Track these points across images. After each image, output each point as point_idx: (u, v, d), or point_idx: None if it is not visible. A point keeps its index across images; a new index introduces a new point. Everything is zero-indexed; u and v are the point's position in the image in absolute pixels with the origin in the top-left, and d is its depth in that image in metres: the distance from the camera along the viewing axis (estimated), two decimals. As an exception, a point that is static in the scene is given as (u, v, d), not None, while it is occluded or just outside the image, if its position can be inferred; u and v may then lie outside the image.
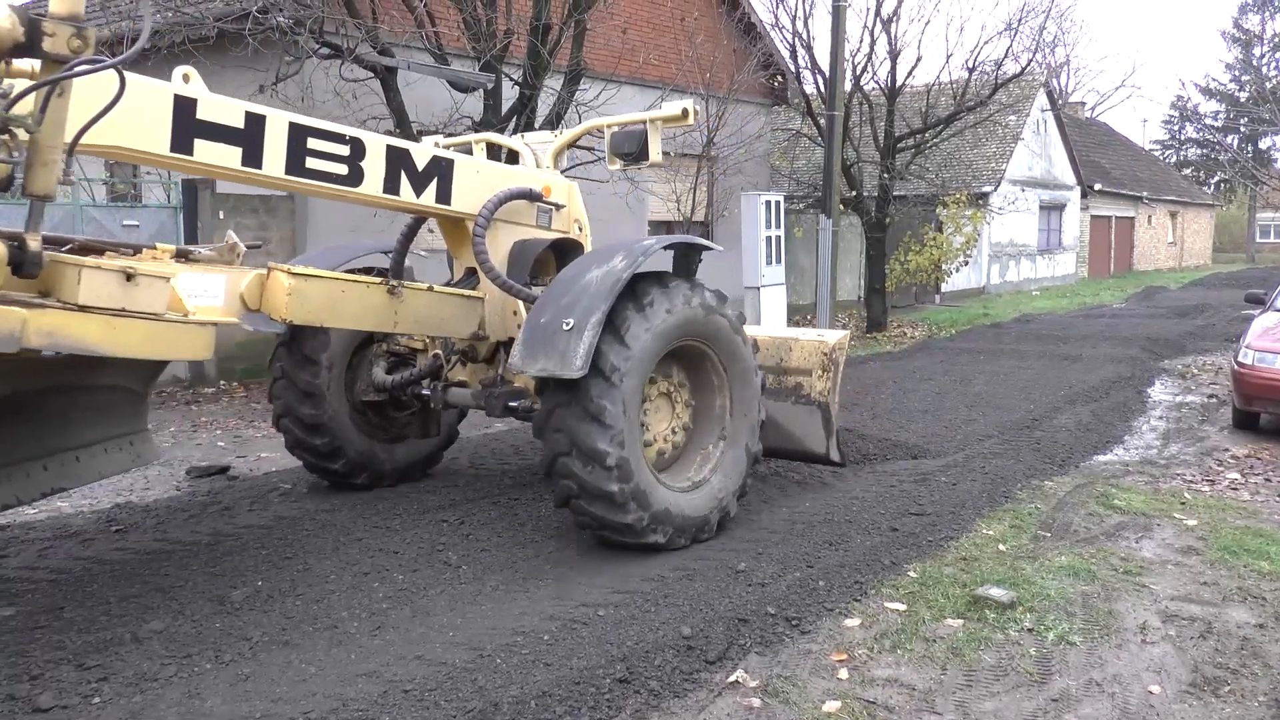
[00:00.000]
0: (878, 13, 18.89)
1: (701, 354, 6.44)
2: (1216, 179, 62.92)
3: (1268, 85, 37.70)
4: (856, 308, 23.42)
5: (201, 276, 5.37)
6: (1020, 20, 20.73)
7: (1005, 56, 20.51)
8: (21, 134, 3.97)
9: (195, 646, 4.70)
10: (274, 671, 4.45)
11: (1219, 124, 62.44)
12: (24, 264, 4.28)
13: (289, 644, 4.76)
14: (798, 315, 20.72)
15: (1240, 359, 9.96)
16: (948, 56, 45.63)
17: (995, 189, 28.74)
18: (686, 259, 6.90)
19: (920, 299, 25.79)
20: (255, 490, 7.56)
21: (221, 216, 12.48)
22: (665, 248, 6.42)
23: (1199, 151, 65.68)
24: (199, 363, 12.62)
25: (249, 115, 5.24)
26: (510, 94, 12.98)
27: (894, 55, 19.37)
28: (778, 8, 19.28)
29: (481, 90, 12.27)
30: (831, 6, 16.54)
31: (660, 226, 18.71)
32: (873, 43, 19.15)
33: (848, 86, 18.33)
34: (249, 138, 5.25)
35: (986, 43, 32.69)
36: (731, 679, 4.44)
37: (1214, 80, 62.19)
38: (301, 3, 11.16)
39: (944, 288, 26.41)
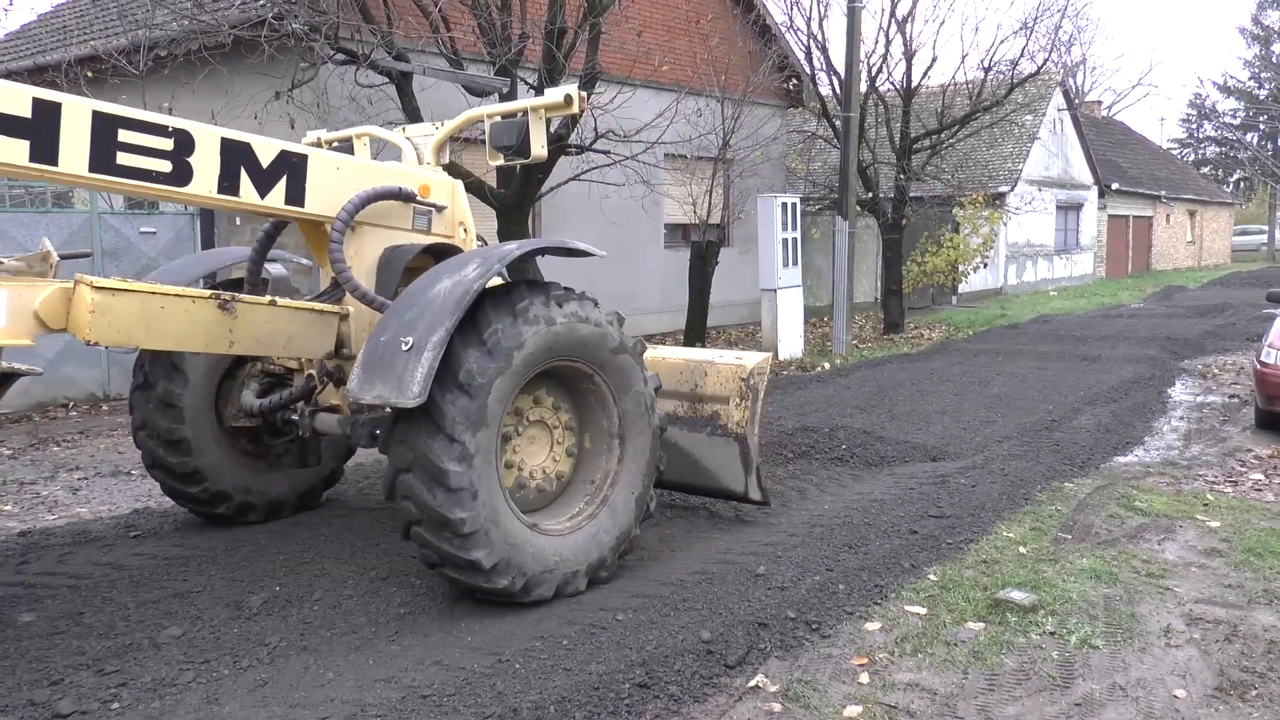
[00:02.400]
0: (893, 14, 18.84)
1: (587, 378, 5.62)
2: (1235, 177, 62.54)
3: (1287, 82, 37.45)
4: (873, 309, 23.35)
5: None
6: (1036, 19, 20.61)
7: (1021, 56, 20.39)
8: None
9: (213, 652, 4.71)
10: (292, 677, 4.45)
11: (1238, 122, 62.08)
12: None
13: (307, 649, 4.76)
14: (814, 317, 20.68)
15: (1263, 358, 9.87)
16: (963, 56, 45.39)
17: (1012, 189, 28.62)
18: (704, 265, 6.50)
19: (937, 300, 25.70)
20: (273, 495, 7.56)
21: (239, 222, 12.52)
22: (530, 253, 5.83)
23: (1217, 150, 65.32)
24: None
25: (38, 102, 4.51)
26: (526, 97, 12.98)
27: (909, 56, 19.31)
28: (792, 10, 19.26)
29: (497, 94, 12.27)
30: (847, 8, 16.52)
31: (676, 229, 18.71)
32: (888, 44, 19.11)
33: (863, 88, 18.28)
34: (38, 129, 4.52)
35: (1002, 42, 32.45)
36: (751, 684, 4.42)
37: (1232, 78, 61.88)
38: (317, 9, 11.19)
39: (961, 289, 26.32)
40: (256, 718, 4.07)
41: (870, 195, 19.71)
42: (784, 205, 15.28)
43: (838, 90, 18.44)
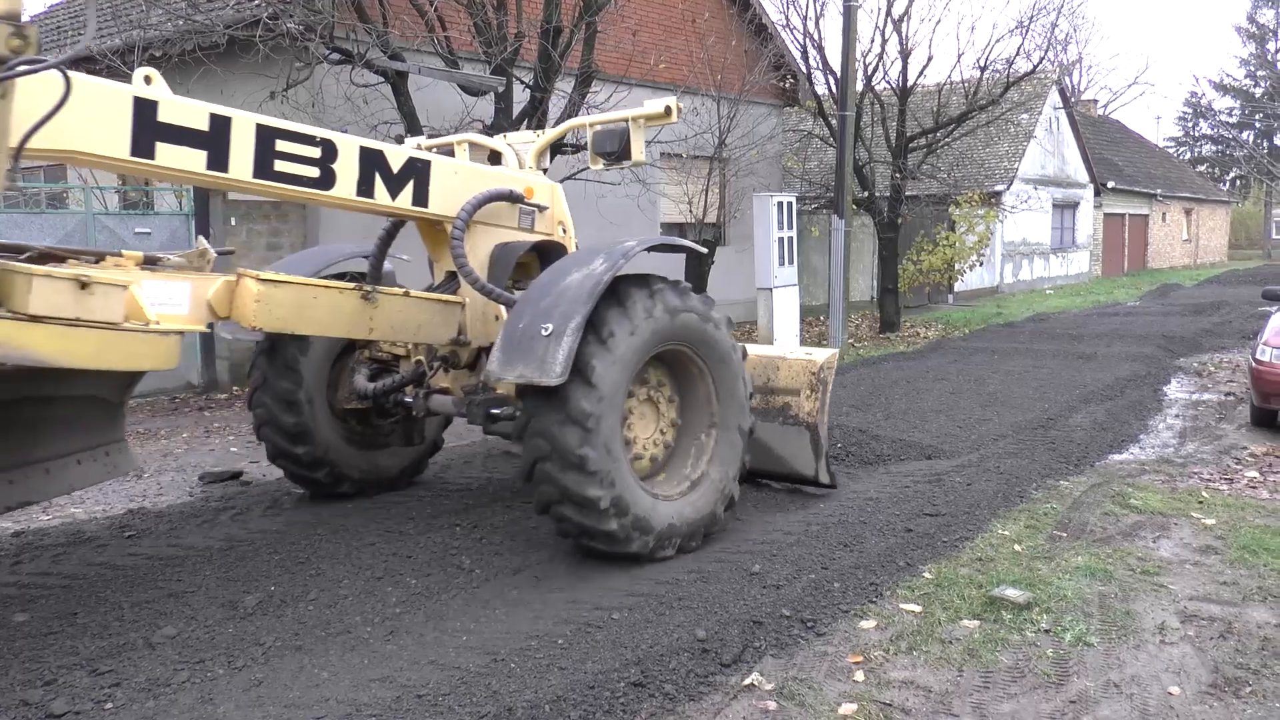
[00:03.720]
0: (889, 13, 18.84)
1: (687, 358, 6.20)
2: (1232, 175, 62.64)
3: (1282, 81, 37.54)
4: (870, 308, 23.36)
5: (165, 284, 5.23)
6: (1032, 18, 20.65)
7: (1017, 55, 20.41)
8: None
9: (208, 652, 4.70)
10: (287, 677, 4.44)
11: (1233, 120, 62.18)
12: None
13: (302, 649, 4.75)
14: (810, 316, 20.68)
15: (1258, 356, 9.89)
16: (959, 55, 45.46)
17: (1008, 188, 28.64)
18: (700, 263, 6.87)
19: (933, 299, 25.72)
20: (268, 495, 7.56)
21: (234, 223, 12.50)
22: (648, 249, 6.27)
23: (1213, 148, 65.43)
24: (212, 368, 12.65)
25: (214, 117, 5.06)
26: (521, 97, 12.98)
27: (905, 55, 19.30)
28: (788, 9, 19.26)
29: (493, 94, 12.27)
30: (843, 7, 16.53)
31: (673, 228, 18.70)
32: (884, 43, 19.12)
33: (859, 87, 18.29)
34: (214, 140, 5.07)
35: (998, 41, 32.69)
36: (747, 682, 4.42)
37: (1228, 76, 62.11)
38: (312, 9, 11.18)
39: (957, 287, 26.32)
40: (251, 718, 4.06)
41: (866, 194, 19.71)
42: (780, 204, 15.27)
43: (834, 89, 18.44)
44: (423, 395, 6.78)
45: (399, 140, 7.33)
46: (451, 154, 7.18)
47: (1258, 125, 57.51)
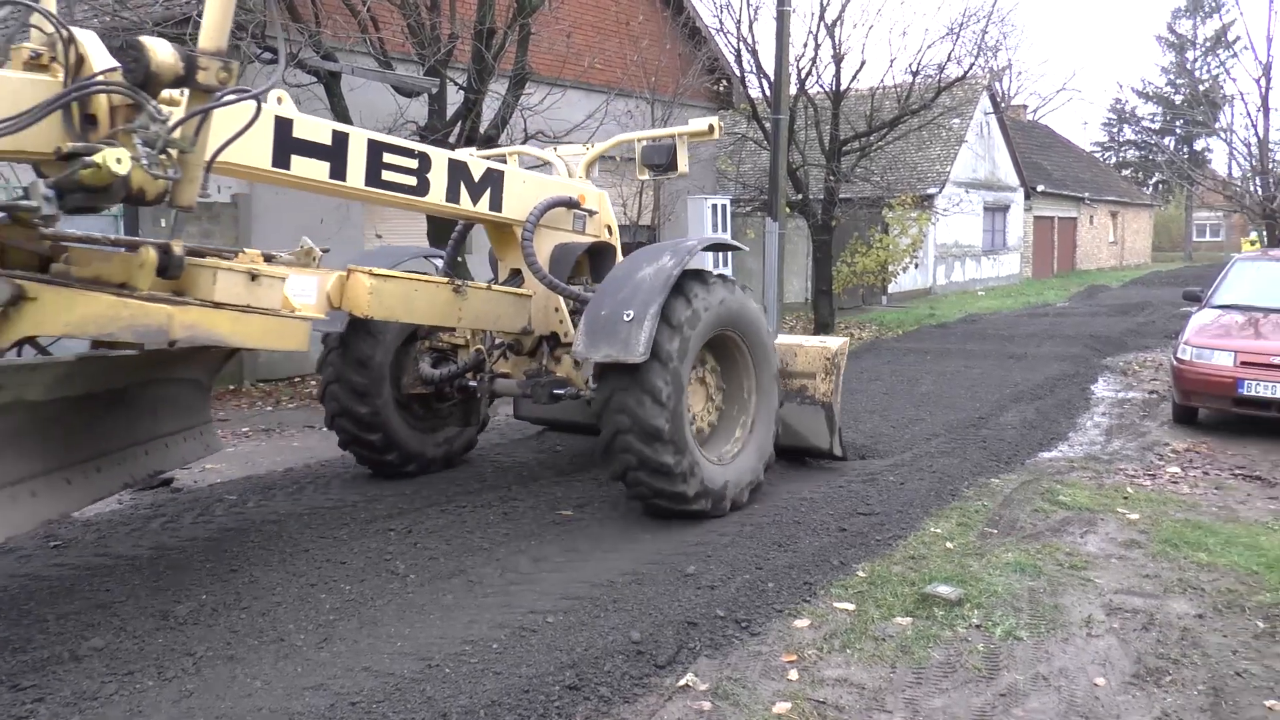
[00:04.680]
0: (822, 17, 19.00)
1: (733, 342, 7.14)
2: (1155, 180, 64.09)
3: (1201, 88, 38.45)
4: (804, 310, 23.54)
5: (300, 278, 5.84)
6: (962, 25, 20.96)
7: (948, 60, 20.70)
8: (175, 154, 4.49)
9: (137, 663, 4.60)
10: (219, 687, 4.37)
11: (1156, 126, 63.67)
12: (169, 267, 4.94)
13: (234, 658, 4.67)
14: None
15: (1179, 355, 10.14)
16: (891, 60, 46.00)
17: (940, 191, 29.04)
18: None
19: (867, 300, 25.99)
20: (200, 503, 7.43)
21: (163, 224, 12.27)
22: (704, 249, 7.20)
23: (1137, 153, 66.94)
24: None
25: (335, 133, 5.76)
26: (455, 98, 12.91)
27: (838, 59, 19.49)
28: (722, 13, 19.40)
29: (426, 95, 12.19)
30: (776, 11, 16.63)
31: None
32: (817, 47, 19.26)
33: (793, 90, 18.42)
34: (335, 153, 5.75)
35: (929, 47, 33.05)
36: (681, 683, 4.43)
37: (1150, 84, 63.59)
38: (243, 6, 11.01)
39: (891, 289, 26.64)
40: (180, 728, 3.99)
41: (800, 197, 19.86)
42: (714, 206, 15.36)
43: (767, 93, 18.54)
44: (487, 379, 7.63)
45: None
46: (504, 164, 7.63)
47: (1178, 131, 58.86)
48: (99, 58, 4.54)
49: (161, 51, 4.45)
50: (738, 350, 7.22)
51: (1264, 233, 23.17)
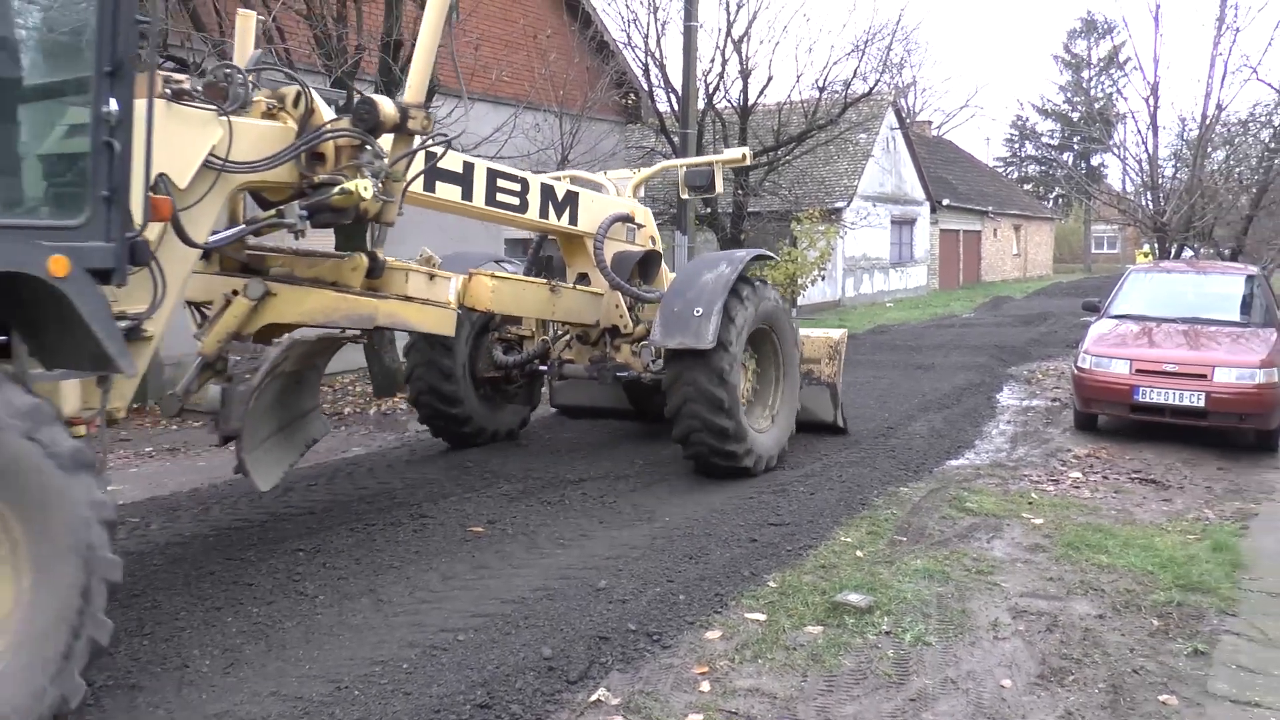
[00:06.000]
0: (729, 33, 19.24)
1: (767, 335, 8.66)
2: (1055, 194, 65.94)
3: (1096, 106, 39.71)
4: (718, 323, 23.60)
5: (448, 279, 6.95)
6: (867, 42, 21.42)
7: (854, 77, 21.10)
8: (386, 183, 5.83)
9: (23, 695, 4.40)
10: (119, 718, 4.21)
11: (1055, 142, 65.52)
12: (376, 269, 6.32)
13: (136, 687, 4.49)
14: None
15: (1079, 364, 10.39)
16: (798, 76, 46.26)
17: (848, 204, 29.45)
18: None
19: (779, 313, 26.13)
20: (94, 526, 7.15)
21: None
22: (751, 259, 8.50)
23: (1038, 168, 68.85)
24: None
25: (465, 163, 7.01)
26: (362, 112, 12.71)
27: (745, 75, 19.73)
28: (630, 27, 19.49)
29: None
30: (683, 27, 16.76)
31: (516, 244, 18.58)
32: (724, 62, 19.50)
33: (700, 105, 18.57)
34: (465, 179, 7.01)
35: (835, 63, 33.43)
36: (593, 698, 4.38)
37: (1049, 101, 65.45)
38: (144, 16, 10.73)
39: (800, 301, 26.85)
40: (68, 762, 3.82)
41: (709, 210, 20.00)
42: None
43: (676, 107, 18.67)
44: (557, 363, 9.21)
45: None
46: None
47: (1076, 147, 60.57)
48: (325, 108, 5.85)
49: (386, 106, 5.80)
50: (769, 342, 8.74)
51: (1156, 245, 23.91)
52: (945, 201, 38.90)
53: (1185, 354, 9.96)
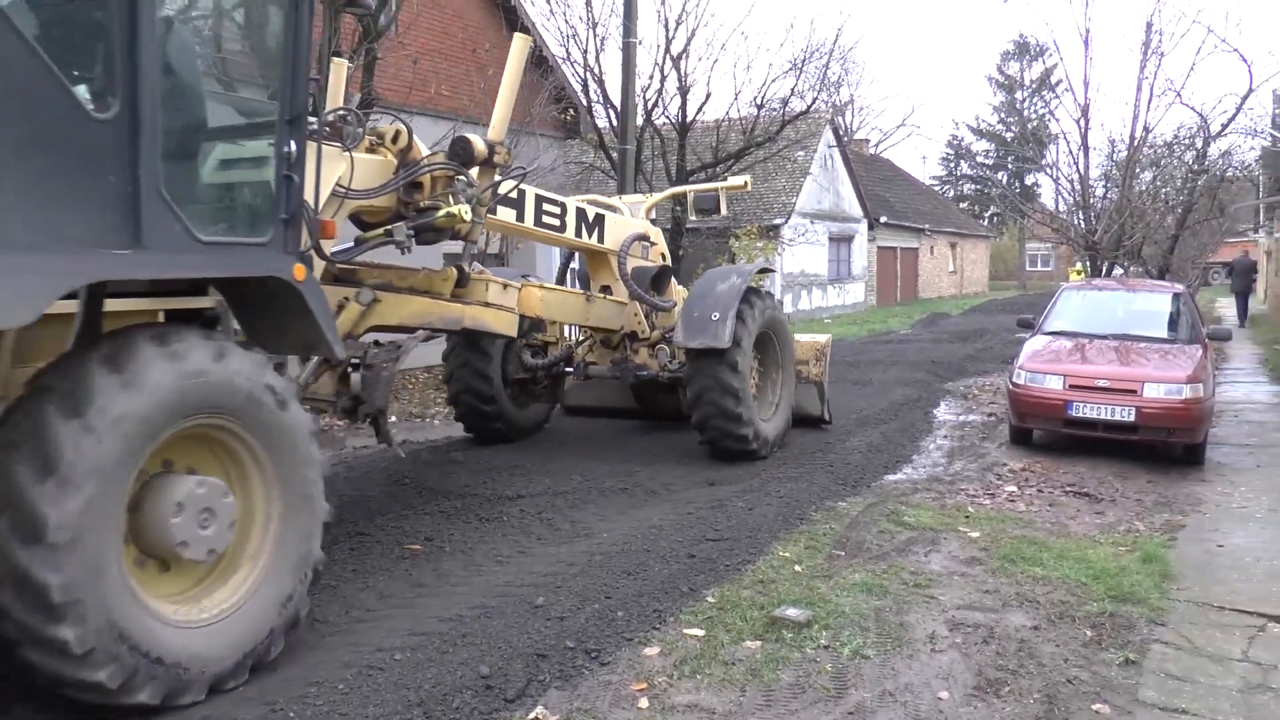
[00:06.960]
0: (668, 50, 19.31)
1: (769, 339, 9.99)
2: (990, 212, 67.01)
3: (1029, 127, 40.43)
4: (658, 339, 23.63)
5: (516, 288, 8.16)
6: (805, 60, 21.61)
7: (791, 94, 21.26)
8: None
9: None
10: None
11: (990, 162, 66.60)
12: (463, 280, 7.61)
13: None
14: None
15: (1014, 380, 10.53)
16: (736, 93, 46.35)
17: (786, 221, 29.68)
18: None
19: (719, 329, 26.20)
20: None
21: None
22: (756, 272, 9.97)
23: (973, 187, 69.97)
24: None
25: (519, 190, 8.02)
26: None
27: (684, 91, 19.82)
28: (569, 42, 19.47)
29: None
30: (622, 43, 16.80)
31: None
32: (663, 79, 19.56)
33: (639, 121, 18.61)
34: (518, 204, 8.08)
35: (774, 81, 33.58)
36: (531, 716, 4.33)
37: (984, 121, 66.50)
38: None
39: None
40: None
41: (650, 227, 20.00)
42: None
43: (614, 123, 18.69)
44: (582, 365, 10.41)
45: None
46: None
47: (1010, 167, 61.49)
48: (420, 144, 6.91)
49: (478, 143, 7.09)
50: (771, 345, 10.05)
51: (1088, 263, 24.38)
52: (883, 219, 39.37)
53: (1116, 370, 10.14)
